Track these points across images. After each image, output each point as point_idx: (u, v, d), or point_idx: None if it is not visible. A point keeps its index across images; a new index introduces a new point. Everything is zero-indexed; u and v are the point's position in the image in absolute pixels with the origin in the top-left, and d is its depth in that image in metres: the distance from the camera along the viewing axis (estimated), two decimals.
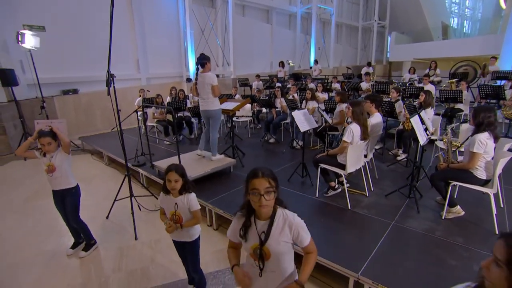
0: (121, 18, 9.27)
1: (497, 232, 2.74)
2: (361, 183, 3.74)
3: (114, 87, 3.44)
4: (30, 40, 6.30)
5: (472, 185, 2.85)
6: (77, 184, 2.98)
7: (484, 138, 2.69)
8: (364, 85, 7.77)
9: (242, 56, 13.28)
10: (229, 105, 4.66)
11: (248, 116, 7.12)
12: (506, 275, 0.84)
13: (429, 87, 6.48)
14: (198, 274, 2.36)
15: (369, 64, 10.95)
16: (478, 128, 2.75)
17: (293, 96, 6.92)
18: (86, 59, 8.62)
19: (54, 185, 2.84)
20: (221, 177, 4.38)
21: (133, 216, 3.43)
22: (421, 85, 6.76)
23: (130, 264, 2.94)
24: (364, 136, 3.23)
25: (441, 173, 3.04)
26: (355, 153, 3.18)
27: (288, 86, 9.45)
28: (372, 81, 8.02)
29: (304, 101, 6.18)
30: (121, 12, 9.28)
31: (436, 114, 5.33)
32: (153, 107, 6.65)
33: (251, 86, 10.51)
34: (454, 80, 6.85)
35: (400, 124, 4.98)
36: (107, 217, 3.80)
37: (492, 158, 2.84)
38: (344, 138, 3.15)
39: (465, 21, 25.94)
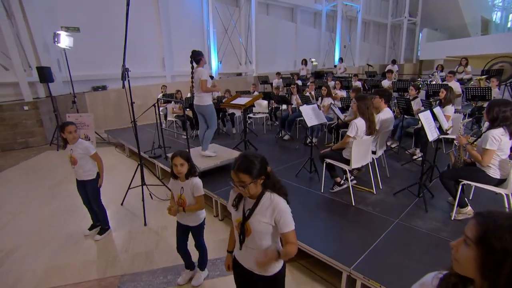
0: (148, 18, 9.73)
1: None
2: (370, 181, 3.65)
3: (129, 80, 3.63)
4: (65, 40, 6.83)
5: (484, 185, 2.68)
6: (97, 173, 3.18)
7: (498, 134, 2.51)
8: (386, 83, 7.49)
9: (265, 54, 13.35)
10: (242, 100, 4.74)
11: (265, 113, 7.16)
12: (474, 255, 0.78)
13: (453, 84, 6.08)
14: (201, 248, 2.47)
15: (393, 62, 10.49)
16: (493, 123, 2.58)
17: (310, 93, 6.86)
18: (114, 57, 9.12)
19: (77, 175, 3.10)
20: (229, 170, 4.47)
21: (143, 204, 3.64)
22: (444, 82, 6.37)
23: (137, 247, 3.12)
24: (370, 131, 3.15)
25: (451, 172, 2.89)
26: (361, 148, 3.10)
27: (307, 84, 9.36)
28: (395, 79, 7.70)
29: (320, 98, 6.10)
30: (148, 12, 9.73)
31: (463, 113, 5.04)
32: (172, 102, 6.92)
33: (272, 84, 10.54)
34: (483, 76, 6.37)
35: (419, 122, 4.76)
36: (121, 204, 4.05)
37: (510, 157, 2.65)
38: (348, 133, 3.10)
39: (510, 15, 23.86)
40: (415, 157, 4.56)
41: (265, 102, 7.13)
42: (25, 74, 7.10)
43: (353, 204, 3.20)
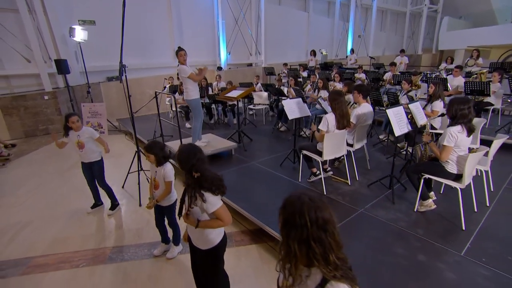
0: (159, 10, 10.06)
1: (463, 228, 2.69)
2: (351, 172, 3.84)
3: (126, 76, 3.97)
4: (80, 34, 7.31)
5: (443, 179, 2.81)
6: (101, 156, 3.62)
7: (456, 131, 2.63)
8: (388, 75, 7.42)
9: (275, 45, 13.37)
10: (234, 93, 4.99)
11: (265, 104, 7.37)
12: (281, 242, 0.97)
13: (459, 79, 5.96)
14: (174, 226, 2.84)
15: (402, 52, 10.13)
16: (452, 120, 2.68)
17: (310, 86, 6.98)
18: (128, 49, 9.58)
19: (84, 159, 3.52)
20: (222, 159, 4.79)
21: (139, 187, 4.05)
22: (450, 76, 6.24)
23: (129, 224, 3.54)
24: (339, 125, 3.31)
25: (415, 166, 3.03)
26: (331, 142, 3.29)
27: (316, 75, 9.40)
28: (399, 72, 7.59)
29: (316, 90, 6.22)
30: (160, 4, 10.05)
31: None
32: (176, 94, 7.29)
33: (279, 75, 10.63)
34: (484, 70, 6.17)
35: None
36: (122, 187, 4.49)
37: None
38: (319, 127, 3.29)
39: None
40: (402, 150, 4.64)
41: (265, 94, 7.32)
42: (46, 66, 7.68)
43: (325, 193, 3.42)
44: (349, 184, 3.67)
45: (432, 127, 4.38)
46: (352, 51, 11.86)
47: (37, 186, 4.65)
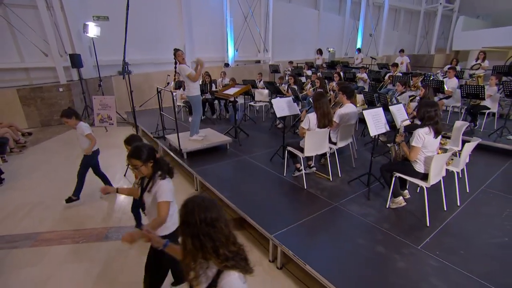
0: (170, 7, 10.39)
1: (428, 225, 2.87)
2: (333, 169, 4.05)
3: (128, 73, 4.29)
4: (93, 30, 7.74)
5: (411, 178, 2.98)
6: (93, 152, 3.92)
7: (423, 133, 2.79)
8: (389, 75, 7.48)
9: (284, 42, 13.49)
10: (232, 91, 5.25)
11: (265, 102, 7.59)
12: (181, 240, 1.12)
13: (453, 81, 6.00)
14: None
15: (401, 51, 9.93)
16: (421, 122, 2.85)
17: (312, 84, 7.14)
18: (139, 45, 10.00)
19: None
20: (217, 152, 5.08)
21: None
22: (446, 78, 6.26)
23: (126, 209, 3.87)
24: (320, 124, 3.51)
25: (388, 165, 3.21)
26: (312, 139, 3.50)
27: (318, 74, 9.54)
28: (398, 72, 7.62)
29: (314, 89, 6.39)
30: (171, 0, 10.37)
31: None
32: (181, 89, 7.62)
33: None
34: (481, 73, 6.14)
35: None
36: (124, 175, 4.85)
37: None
38: (302, 124, 3.51)
39: None
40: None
41: (266, 91, 7.53)
42: (61, 60, 8.17)
43: (305, 187, 3.65)
44: (331, 180, 3.88)
45: None
46: (359, 50, 11.84)
47: (49, 171, 5.09)
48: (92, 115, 7.93)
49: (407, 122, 3.50)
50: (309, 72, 9.79)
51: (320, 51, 11.66)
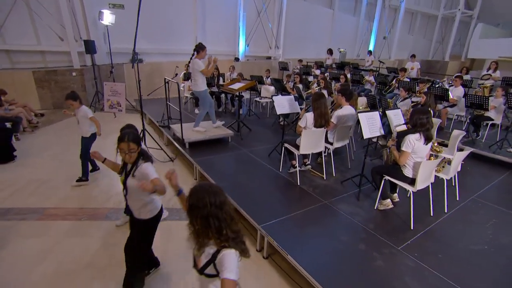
0: None
1: (412, 228, 2.97)
2: (329, 168, 4.17)
3: (138, 63, 4.45)
4: (107, 18, 7.94)
5: (400, 182, 3.07)
6: (91, 134, 4.13)
7: (414, 139, 2.87)
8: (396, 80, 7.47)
9: (296, 40, 13.49)
10: (236, 85, 5.38)
11: (271, 98, 7.68)
12: (188, 221, 1.29)
13: (459, 90, 5.98)
14: None
15: (413, 56, 9.83)
16: (413, 128, 2.93)
17: (317, 84, 7.20)
18: (152, 34, 10.18)
19: (80, 132, 4.11)
20: (218, 144, 5.23)
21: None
22: (452, 87, 6.24)
23: None
24: (316, 124, 3.61)
25: (379, 167, 3.30)
26: (309, 138, 3.62)
27: (326, 74, 9.57)
28: (406, 77, 7.60)
29: (319, 89, 6.46)
30: None
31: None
32: (189, 80, 7.78)
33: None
34: (488, 84, 6.09)
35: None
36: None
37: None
38: (299, 123, 3.63)
39: None
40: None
41: (272, 88, 7.63)
42: (76, 45, 8.41)
43: (298, 184, 3.78)
44: (324, 178, 3.99)
45: None
46: (370, 53, 11.76)
47: (58, 152, 5.34)
48: (102, 100, 8.18)
49: (403, 127, 3.57)
50: (317, 72, 9.82)
51: (330, 51, 11.64)
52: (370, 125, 3.38)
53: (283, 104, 4.37)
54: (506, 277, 2.43)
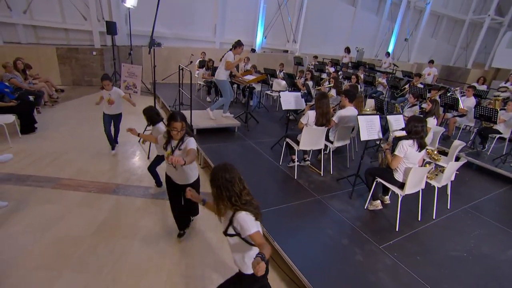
0: None
1: (397, 230, 3.11)
2: (327, 166, 4.32)
3: (155, 47, 4.66)
4: (130, 0, 8.15)
5: (390, 185, 3.20)
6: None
7: (407, 145, 2.98)
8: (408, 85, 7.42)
9: (314, 35, 13.38)
10: (247, 78, 5.52)
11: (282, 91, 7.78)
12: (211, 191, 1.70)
13: (470, 100, 5.92)
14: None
15: (431, 62, 9.63)
16: (408, 134, 3.03)
17: (330, 81, 7.25)
18: (172, 19, 10.35)
19: (110, 111, 4.52)
20: (225, 133, 5.43)
21: (150, 143, 4.85)
22: (464, 97, 6.17)
23: (135, 170, 4.37)
24: (317, 123, 3.74)
25: (373, 169, 3.43)
26: (309, 135, 3.76)
27: (339, 72, 9.56)
28: (419, 83, 7.53)
29: (328, 88, 6.53)
30: None
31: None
32: (203, 69, 7.97)
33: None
34: (501, 97, 5.98)
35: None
36: (138, 141, 5.34)
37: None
38: (301, 119, 3.78)
39: None
40: None
41: (284, 82, 7.72)
42: (98, 25, 8.70)
43: (295, 177, 3.95)
44: (321, 175, 4.14)
45: None
46: (388, 54, 11.58)
47: (75, 127, 5.68)
48: (119, 80, 8.48)
49: (402, 133, 3.65)
50: (332, 69, 9.81)
51: (348, 50, 11.53)
52: (369, 128, 3.49)
53: (289, 100, 4.51)
54: (476, 284, 2.55)
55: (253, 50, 11.99)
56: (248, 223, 1.60)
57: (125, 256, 2.72)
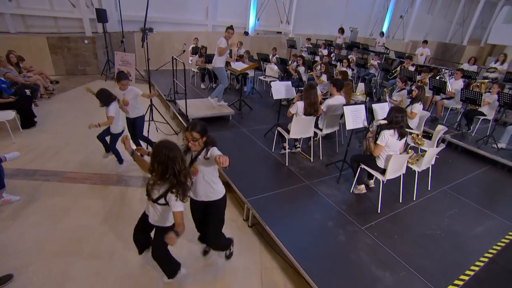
0: None
1: (379, 212, 3.41)
2: (317, 152, 4.57)
3: (147, 42, 4.70)
4: None
5: (373, 171, 3.46)
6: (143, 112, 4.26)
7: (388, 134, 3.21)
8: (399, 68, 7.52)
9: (308, 16, 13.16)
10: (238, 66, 5.63)
11: (275, 77, 7.89)
12: (150, 163, 1.96)
13: (458, 83, 6.09)
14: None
15: (425, 42, 9.60)
16: (389, 124, 3.25)
17: (321, 66, 7.34)
18: (163, 3, 10.14)
19: (129, 114, 4.11)
20: (220, 122, 5.62)
21: (147, 135, 5.03)
22: (452, 79, 6.32)
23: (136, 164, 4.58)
24: (307, 113, 3.94)
25: (357, 156, 3.68)
26: (299, 124, 3.97)
27: (331, 55, 9.58)
28: (412, 66, 7.63)
29: (320, 73, 6.65)
30: None
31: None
32: (196, 56, 7.99)
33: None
34: (486, 80, 6.14)
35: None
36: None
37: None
38: (290, 109, 3.97)
39: None
40: None
41: (276, 67, 7.79)
42: (88, 11, 8.54)
43: (286, 164, 4.20)
44: (311, 161, 4.40)
45: (408, 127, 4.84)
46: (382, 34, 11.51)
47: (73, 119, 5.82)
48: (113, 68, 8.49)
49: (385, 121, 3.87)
50: (325, 52, 9.82)
51: (342, 30, 11.45)
52: (354, 117, 3.70)
53: (280, 90, 4.67)
54: (445, 258, 2.88)
55: (246, 33, 11.85)
56: (178, 204, 1.94)
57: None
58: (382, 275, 2.58)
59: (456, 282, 2.60)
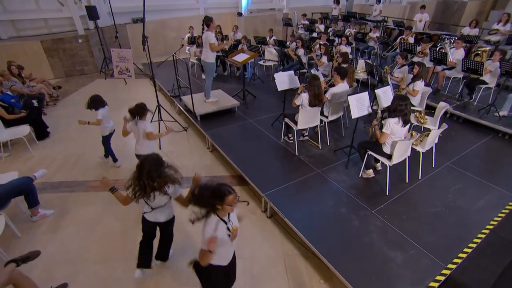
0: None
1: (387, 194, 3.64)
2: (324, 137, 4.74)
3: (148, 46, 4.70)
4: None
5: (380, 157, 3.65)
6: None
7: (392, 122, 3.35)
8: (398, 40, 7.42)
9: None
10: (240, 57, 5.63)
11: (274, 61, 7.85)
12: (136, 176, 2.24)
13: (459, 52, 6.06)
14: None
15: (422, 8, 9.25)
16: (393, 112, 3.38)
17: (320, 46, 7.28)
18: None
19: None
20: (226, 115, 5.74)
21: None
22: (453, 49, 6.26)
23: None
24: (312, 104, 4.05)
25: (364, 142, 3.86)
26: (305, 116, 4.11)
27: (329, 30, 9.40)
28: (412, 36, 7.51)
29: (320, 54, 6.62)
30: None
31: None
32: (194, 46, 7.90)
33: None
34: (487, 48, 6.08)
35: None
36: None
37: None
38: (295, 101, 4.09)
39: None
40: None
41: (275, 51, 7.72)
42: (76, 8, 8.33)
43: (296, 154, 4.40)
44: (319, 148, 4.59)
45: (411, 105, 4.94)
46: (378, 1, 11.12)
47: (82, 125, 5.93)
48: (111, 64, 8.45)
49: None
50: (322, 27, 9.61)
51: (337, 1, 11.07)
52: (359, 105, 3.82)
53: (284, 80, 4.74)
54: (449, 233, 3.15)
55: (240, 14, 11.52)
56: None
57: None
58: (394, 255, 2.86)
59: (460, 255, 2.88)
